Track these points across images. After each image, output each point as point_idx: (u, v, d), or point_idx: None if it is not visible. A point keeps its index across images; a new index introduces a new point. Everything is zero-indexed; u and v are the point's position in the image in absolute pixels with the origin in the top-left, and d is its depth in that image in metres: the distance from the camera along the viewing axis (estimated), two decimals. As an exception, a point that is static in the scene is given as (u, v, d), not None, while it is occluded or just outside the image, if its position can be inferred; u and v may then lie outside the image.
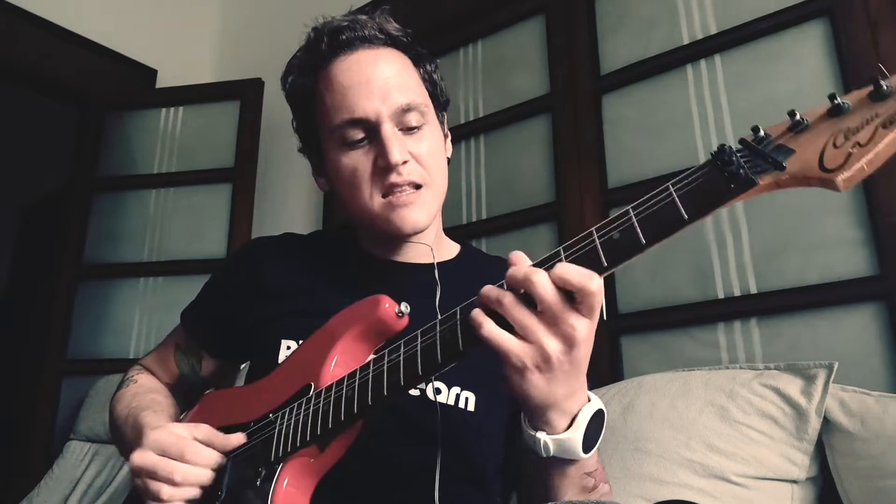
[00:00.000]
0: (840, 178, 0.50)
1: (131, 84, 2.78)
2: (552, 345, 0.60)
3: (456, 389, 0.88)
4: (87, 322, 2.46)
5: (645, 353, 1.58)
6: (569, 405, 0.64)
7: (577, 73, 1.83)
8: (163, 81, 2.83)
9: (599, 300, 0.59)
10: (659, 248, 0.58)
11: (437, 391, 0.87)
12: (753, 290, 1.44)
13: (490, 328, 0.61)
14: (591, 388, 0.70)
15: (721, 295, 1.48)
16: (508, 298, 0.61)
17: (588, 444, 0.66)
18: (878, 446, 1.05)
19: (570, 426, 0.65)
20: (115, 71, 2.74)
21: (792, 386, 1.13)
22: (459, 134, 2.03)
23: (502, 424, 0.92)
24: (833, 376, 1.11)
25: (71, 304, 2.47)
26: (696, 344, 1.50)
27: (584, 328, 0.60)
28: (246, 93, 2.57)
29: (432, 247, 0.97)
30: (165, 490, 0.77)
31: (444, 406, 0.86)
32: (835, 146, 0.52)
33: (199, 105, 2.64)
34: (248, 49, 2.93)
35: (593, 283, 0.58)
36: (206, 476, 0.79)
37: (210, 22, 3.06)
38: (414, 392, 0.87)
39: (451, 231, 1.09)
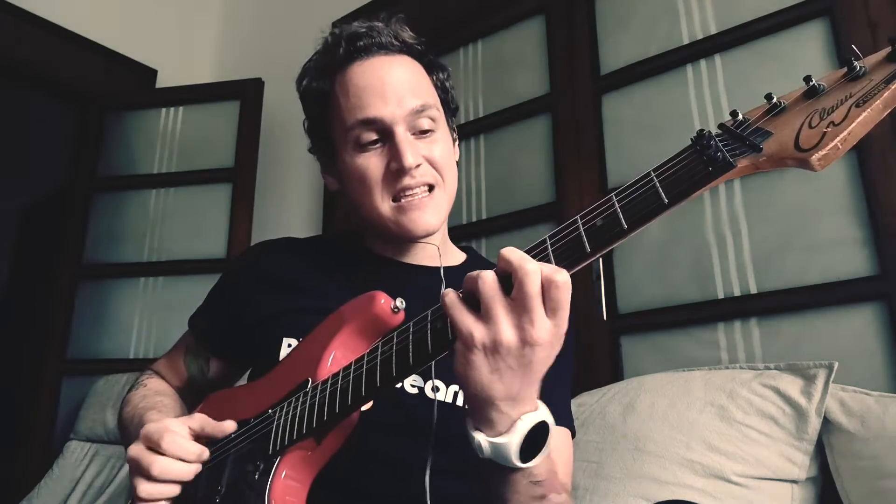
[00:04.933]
0: (815, 157, 0.50)
1: (131, 84, 2.78)
2: (507, 333, 0.58)
3: (454, 388, 0.89)
4: (87, 322, 2.46)
5: (645, 353, 1.57)
6: (511, 409, 0.62)
7: (577, 73, 1.83)
8: (163, 81, 2.83)
9: (563, 297, 0.58)
10: (641, 232, 0.59)
11: (436, 389, 0.87)
12: (753, 290, 1.44)
13: (452, 298, 0.61)
14: (591, 388, 0.69)
15: (721, 295, 1.48)
16: (489, 285, 0.60)
17: (526, 453, 0.63)
18: (878, 446, 1.05)
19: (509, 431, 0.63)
20: (115, 71, 2.74)
21: (792, 386, 1.13)
22: (459, 134, 2.01)
23: None
24: (833, 376, 1.11)
25: (71, 304, 2.47)
26: (696, 344, 1.50)
27: (544, 329, 0.58)
28: (246, 93, 2.57)
29: (439, 250, 0.98)
30: (142, 486, 0.76)
31: (442, 404, 0.87)
32: (810, 126, 0.52)
33: (199, 105, 2.64)
34: (248, 49, 2.93)
35: (550, 276, 0.57)
36: (186, 470, 0.77)
37: (210, 22, 3.06)
38: (412, 390, 0.88)
39: (450, 231, 1.09)
